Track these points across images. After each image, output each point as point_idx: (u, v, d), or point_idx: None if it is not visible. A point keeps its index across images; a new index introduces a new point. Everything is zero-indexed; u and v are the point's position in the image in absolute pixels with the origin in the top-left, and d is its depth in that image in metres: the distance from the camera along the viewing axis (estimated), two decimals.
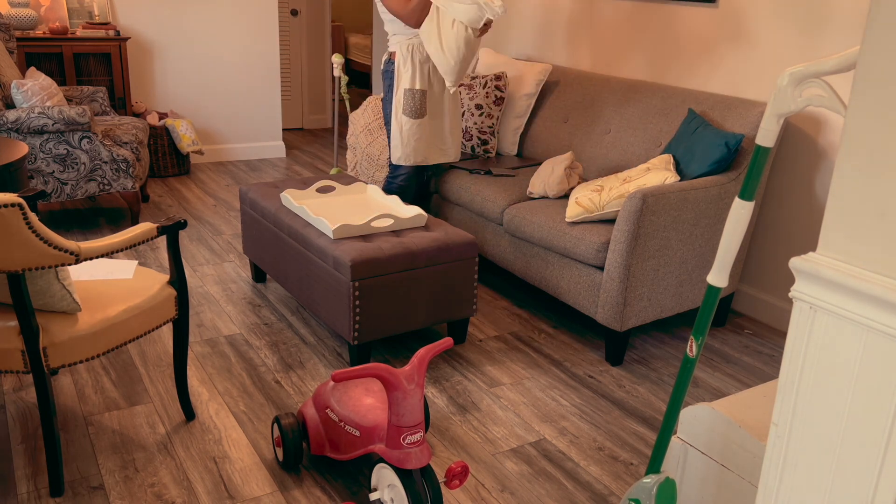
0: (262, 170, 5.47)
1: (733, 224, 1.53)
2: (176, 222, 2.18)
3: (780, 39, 3.05)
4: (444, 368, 2.79)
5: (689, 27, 3.41)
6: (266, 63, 5.62)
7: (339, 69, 4.74)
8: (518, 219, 3.11)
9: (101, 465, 2.16)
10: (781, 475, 1.20)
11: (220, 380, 2.65)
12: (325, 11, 6.84)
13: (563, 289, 2.96)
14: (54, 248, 1.82)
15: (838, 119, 2.93)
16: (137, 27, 5.13)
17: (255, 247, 3.30)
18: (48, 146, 3.76)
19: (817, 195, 3.03)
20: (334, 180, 3.43)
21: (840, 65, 1.26)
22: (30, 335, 1.88)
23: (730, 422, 1.69)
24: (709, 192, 2.82)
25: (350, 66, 9.49)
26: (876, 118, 1.03)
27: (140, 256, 3.71)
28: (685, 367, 1.65)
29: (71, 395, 2.51)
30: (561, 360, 2.89)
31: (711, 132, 2.89)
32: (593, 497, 2.13)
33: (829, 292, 1.08)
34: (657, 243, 2.73)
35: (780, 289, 3.21)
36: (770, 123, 1.42)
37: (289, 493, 2.09)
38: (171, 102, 5.37)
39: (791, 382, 1.16)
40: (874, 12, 1.02)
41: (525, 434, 2.40)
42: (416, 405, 1.83)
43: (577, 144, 3.66)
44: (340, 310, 2.66)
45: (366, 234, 2.77)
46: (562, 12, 4.13)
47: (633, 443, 2.39)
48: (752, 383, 2.78)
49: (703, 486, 1.78)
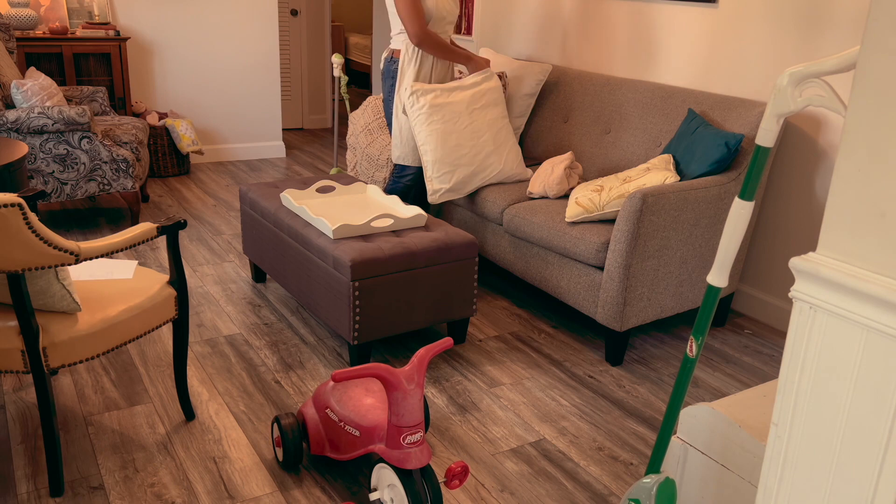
0: (262, 170, 5.47)
1: (733, 224, 1.53)
2: (176, 222, 2.18)
3: (780, 39, 3.05)
4: (444, 368, 2.79)
5: (689, 27, 3.41)
6: (266, 63, 5.62)
7: (339, 69, 4.74)
8: (518, 219, 3.11)
9: (101, 465, 2.16)
10: (781, 475, 1.20)
11: (220, 380, 2.65)
12: (325, 11, 6.84)
13: (562, 289, 2.97)
14: (54, 248, 1.82)
15: (838, 119, 2.93)
16: (137, 27, 5.13)
17: (255, 247, 3.30)
18: (48, 146, 3.76)
19: (817, 195, 3.03)
20: (334, 180, 3.43)
21: (840, 65, 1.26)
22: (30, 335, 1.88)
23: (730, 422, 1.69)
24: (709, 192, 2.82)
25: (350, 66, 9.49)
26: (876, 118, 1.03)
27: (140, 256, 3.71)
28: (685, 367, 1.65)
29: (71, 395, 2.51)
30: (561, 360, 2.89)
31: (711, 132, 2.89)
32: (593, 497, 2.13)
33: (829, 292, 1.08)
34: (657, 243, 2.73)
35: (780, 289, 3.21)
36: (770, 123, 1.42)
37: (289, 493, 2.09)
38: (171, 102, 5.37)
39: (791, 382, 1.16)
40: (874, 12, 1.02)
41: (525, 434, 2.40)
42: (415, 405, 1.83)
43: (577, 144, 3.66)
44: (340, 310, 2.66)
45: (366, 234, 2.77)
46: (562, 12, 4.13)
47: (633, 443, 2.39)
48: (752, 383, 2.78)
49: (703, 486, 1.78)
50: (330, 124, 7.21)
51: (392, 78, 3.42)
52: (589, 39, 3.97)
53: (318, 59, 6.92)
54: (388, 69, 3.43)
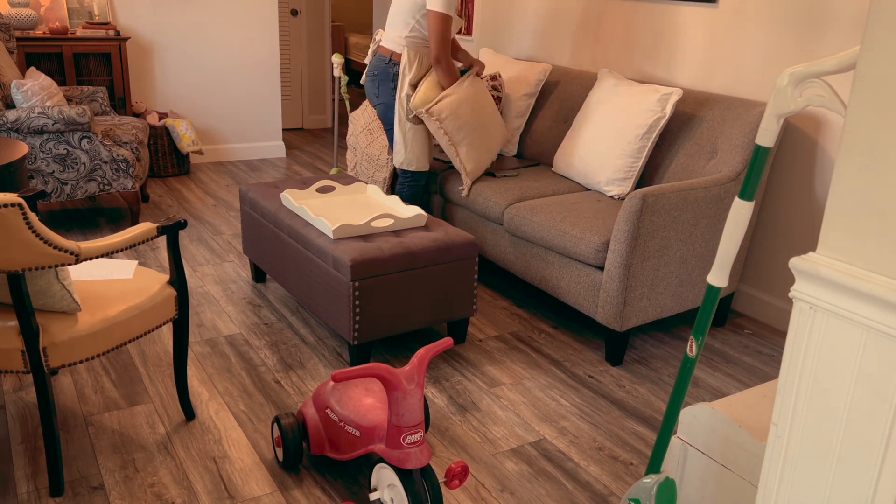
0: (262, 170, 5.47)
1: (733, 224, 1.53)
2: (176, 222, 2.18)
3: (780, 39, 3.05)
4: (444, 368, 2.79)
5: (689, 27, 3.41)
6: (266, 63, 5.62)
7: (339, 69, 4.74)
8: (518, 218, 3.11)
9: (101, 465, 2.16)
10: (781, 475, 1.20)
11: (220, 380, 2.65)
12: (325, 11, 6.84)
13: (563, 289, 2.97)
14: (54, 248, 1.82)
15: (838, 119, 2.93)
16: (137, 27, 5.13)
17: (255, 247, 3.30)
18: (48, 146, 3.76)
19: (817, 195, 3.03)
20: (334, 180, 3.43)
21: (840, 65, 1.26)
22: (30, 335, 1.88)
23: (730, 422, 1.69)
24: (709, 192, 2.82)
25: (350, 66, 9.50)
26: (876, 118, 1.03)
27: (140, 256, 3.71)
28: (685, 367, 1.65)
29: (71, 395, 2.51)
30: (561, 360, 2.89)
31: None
32: (593, 497, 2.13)
33: (829, 292, 1.08)
34: (657, 243, 2.73)
35: (780, 289, 3.21)
36: (770, 123, 1.42)
37: (289, 493, 2.09)
38: (171, 102, 5.37)
39: (791, 382, 1.16)
40: (874, 12, 1.02)
41: (525, 434, 2.40)
42: (416, 405, 1.83)
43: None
44: (340, 310, 2.66)
45: (366, 234, 2.77)
46: (562, 12, 4.13)
47: (633, 443, 2.39)
48: (752, 383, 2.78)
49: (703, 486, 1.78)
50: (330, 124, 7.21)
51: (392, 81, 3.41)
52: (589, 39, 3.97)
53: (318, 59, 6.92)
54: (388, 72, 3.41)
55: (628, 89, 3.28)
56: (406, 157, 3.43)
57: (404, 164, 3.45)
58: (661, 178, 3.24)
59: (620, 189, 3.23)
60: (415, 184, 3.52)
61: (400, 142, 3.41)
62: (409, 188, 3.53)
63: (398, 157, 3.45)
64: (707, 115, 3.13)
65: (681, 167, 3.16)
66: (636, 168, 3.19)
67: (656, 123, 3.12)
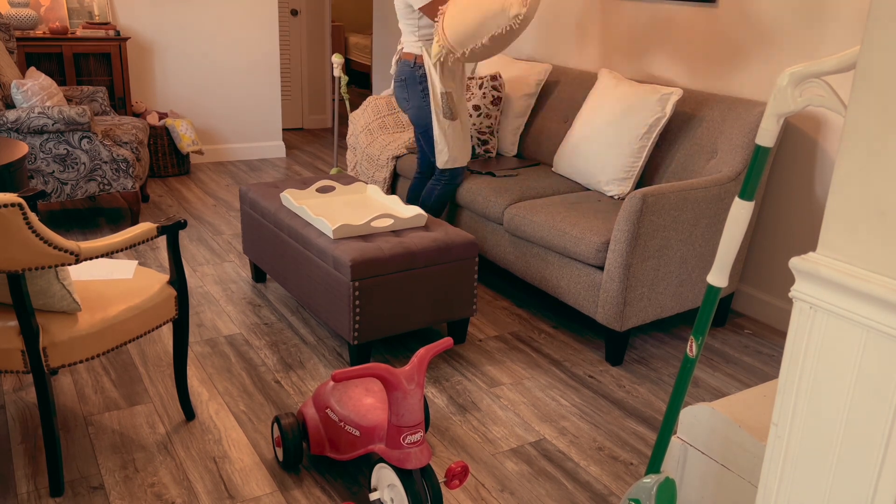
0: (262, 170, 5.47)
1: (733, 224, 1.53)
2: (176, 222, 2.18)
3: (780, 39, 3.05)
4: (444, 368, 2.79)
5: (689, 27, 3.41)
6: (266, 63, 5.62)
7: (339, 69, 4.74)
8: (518, 218, 3.11)
9: (101, 465, 2.16)
10: (781, 475, 1.20)
11: (220, 380, 2.65)
12: (325, 11, 6.84)
13: (563, 289, 2.97)
14: (54, 248, 1.82)
15: (838, 119, 2.93)
16: (137, 27, 5.13)
17: (255, 247, 3.30)
18: (48, 146, 3.76)
19: (817, 195, 3.03)
20: (334, 180, 3.43)
21: (840, 65, 1.26)
22: (30, 335, 1.88)
23: (730, 422, 1.69)
24: (709, 192, 2.82)
25: (350, 66, 9.50)
26: (876, 118, 1.03)
27: (140, 256, 3.71)
28: (685, 367, 1.65)
29: (71, 395, 2.51)
30: (561, 360, 2.89)
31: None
32: (593, 497, 2.13)
33: (829, 292, 1.08)
34: (657, 243, 2.73)
35: (780, 289, 3.21)
36: (770, 123, 1.42)
37: (289, 493, 2.09)
38: (171, 102, 5.37)
39: (791, 382, 1.16)
40: (874, 12, 1.02)
41: (525, 434, 2.40)
42: (416, 405, 1.83)
43: None
44: (340, 310, 2.66)
45: (366, 234, 2.77)
46: (562, 12, 4.13)
47: (633, 443, 2.39)
48: (752, 383, 2.78)
49: (703, 486, 1.78)
50: (330, 124, 7.21)
51: (420, 83, 3.33)
52: (589, 39, 3.97)
53: (318, 59, 6.92)
54: (414, 75, 3.32)
55: (628, 89, 3.28)
56: (451, 156, 3.34)
57: (449, 162, 3.36)
58: (661, 178, 3.24)
59: (620, 189, 3.23)
60: (450, 183, 3.44)
61: (441, 141, 3.33)
62: (444, 186, 3.45)
63: (442, 158, 3.36)
64: (707, 115, 3.13)
65: (681, 167, 3.16)
66: (636, 168, 3.19)
67: (656, 123, 3.12)
